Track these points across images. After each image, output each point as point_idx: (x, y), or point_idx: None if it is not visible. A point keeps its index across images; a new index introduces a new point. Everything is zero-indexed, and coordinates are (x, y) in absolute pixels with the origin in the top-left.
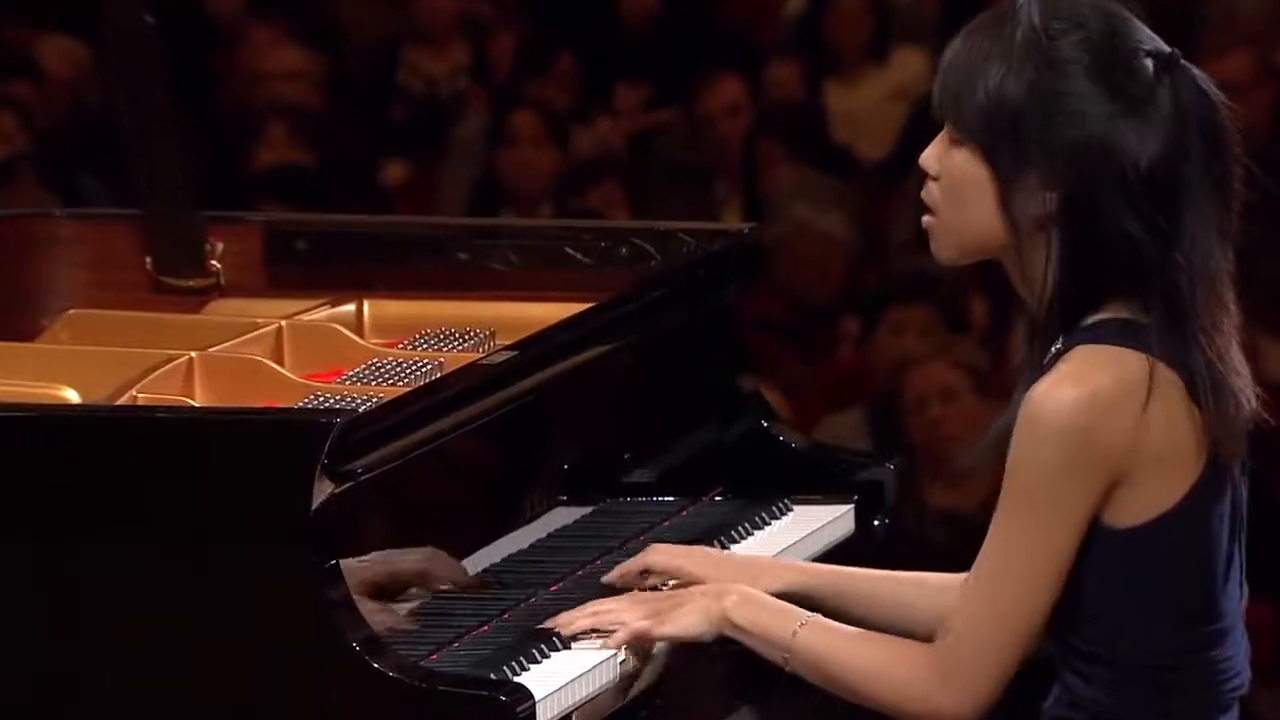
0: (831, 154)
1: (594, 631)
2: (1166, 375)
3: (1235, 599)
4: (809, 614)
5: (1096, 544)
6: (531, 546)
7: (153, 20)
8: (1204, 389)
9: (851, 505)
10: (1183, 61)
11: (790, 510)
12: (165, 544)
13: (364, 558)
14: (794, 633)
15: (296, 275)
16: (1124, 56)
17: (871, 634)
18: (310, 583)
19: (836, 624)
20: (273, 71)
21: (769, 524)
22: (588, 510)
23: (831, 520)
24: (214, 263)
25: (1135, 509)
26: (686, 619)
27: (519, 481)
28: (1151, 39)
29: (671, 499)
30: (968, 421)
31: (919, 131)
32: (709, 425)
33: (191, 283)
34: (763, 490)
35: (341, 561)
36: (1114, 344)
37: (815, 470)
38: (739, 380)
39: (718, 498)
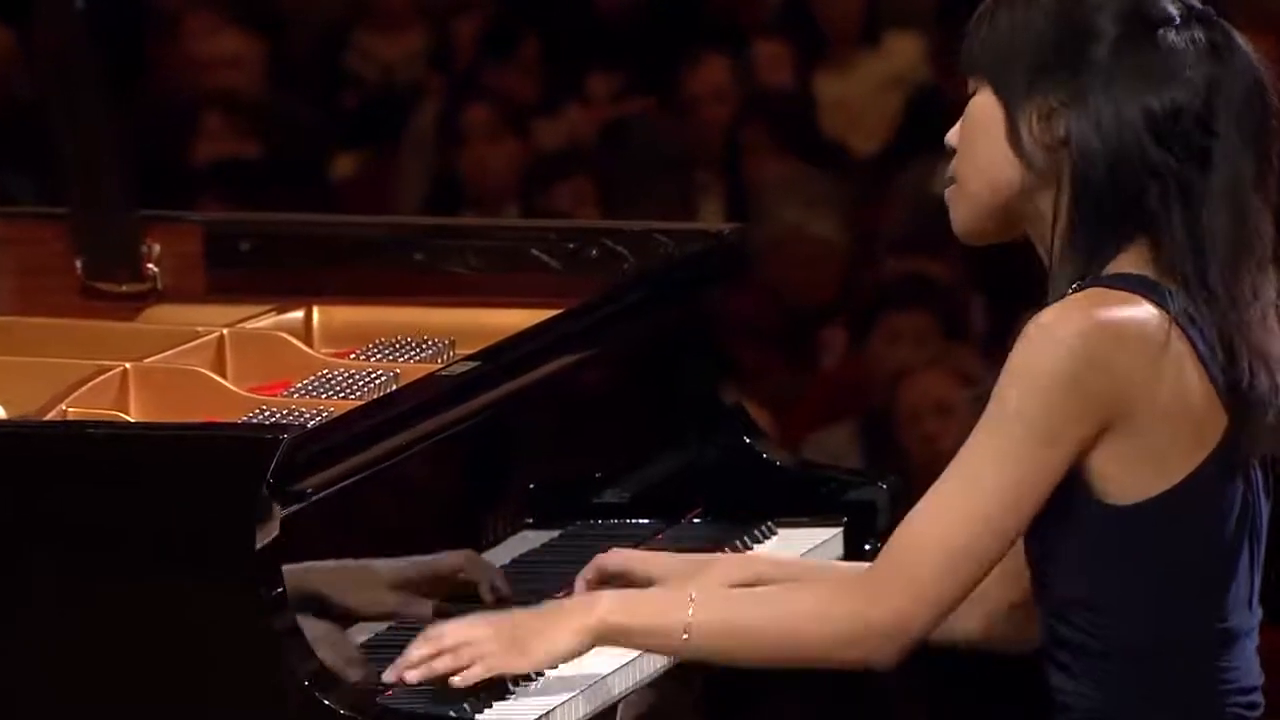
0: (821, 147)
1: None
2: (1183, 344)
3: (1245, 607)
4: (697, 587)
5: (1092, 521)
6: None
7: (83, 4)
8: (1223, 362)
9: (841, 528)
10: (1219, 19)
11: (775, 533)
12: (98, 570)
13: (399, 560)
14: (689, 609)
15: (239, 279)
16: (1156, 1)
17: (784, 584)
18: (256, 612)
19: (732, 589)
20: (212, 58)
21: (751, 548)
22: (555, 534)
23: (819, 544)
24: (150, 266)
25: (1132, 478)
26: (556, 642)
27: (481, 503)
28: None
29: (646, 521)
30: (965, 435)
31: (915, 124)
32: (687, 441)
33: (126, 288)
34: (745, 512)
35: (372, 562)
36: (1131, 291)
37: (802, 490)
38: (720, 393)
39: (696, 520)
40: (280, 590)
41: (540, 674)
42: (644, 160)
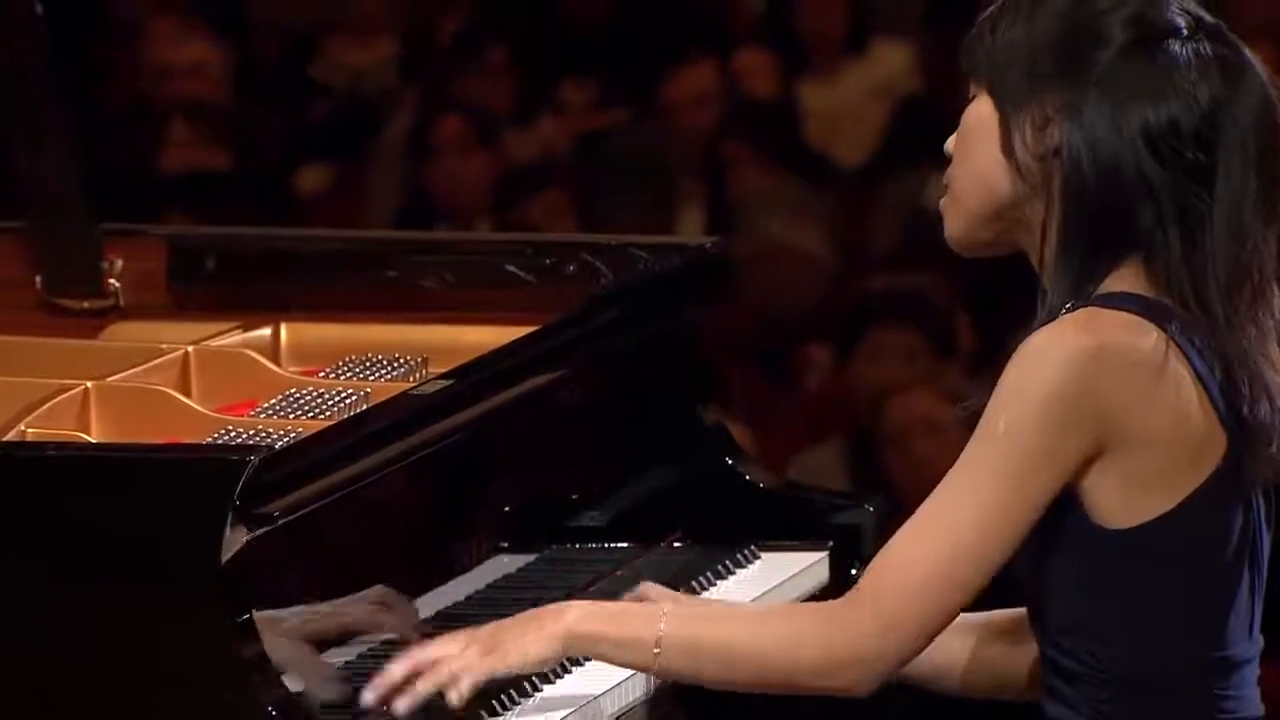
0: (805, 158)
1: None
2: (1181, 365)
3: (1245, 635)
4: (672, 603)
5: (1086, 545)
6: (468, 599)
7: (42, 8)
8: (1223, 385)
9: (826, 552)
10: (1228, 34)
11: (758, 558)
12: (58, 598)
13: (314, 609)
14: (661, 622)
15: (204, 295)
16: (1163, 11)
17: (761, 604)
18: (222, 639)
19: (710, 604)
20: (176, 65)
21: (734, 573)
22: (531, 558)
23: (804, 569)
24: (112, 281)
25: (1127, 502)
26: (526, 648)
27: (455, 527)
28: (1197, 9)
29: (625, 545)
30: (956, 458)
31: (902, 134)
32: (666, 462)
33: (87, 304)
34: (727, 535)
35: (282, 618)
36: (1127, 311)
37: (786, 512)
38: (701, 412)
39: (676, 544)
40: (247, 617)
41: (530, 694)
42: (622, 171)
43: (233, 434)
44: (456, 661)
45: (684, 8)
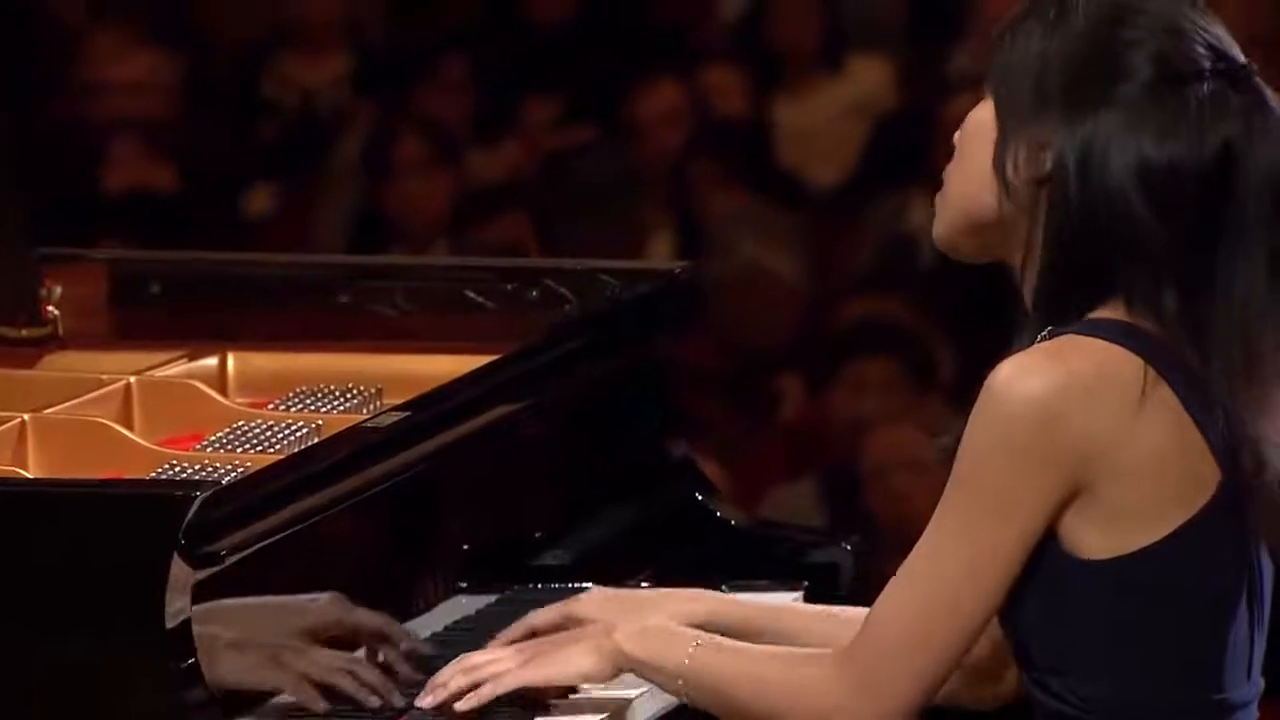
0: (778, 179)
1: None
2: (1167, 395)
3: (1243, 677)
4: (706, 635)
5: (1063, 576)
6: (424, 642)
7: None
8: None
9: (801, 592)
10: (1256, 79)
11: None
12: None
13: (316, 596)
14: (687, 656)
15: (148, 323)
16: (1182, 38)
17: (772, 648)
18: (166, 683)
19: (734, 642)
20: (120, 81)
21: None
22: (491, 599)
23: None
24: (50, 309)
25: (1107, 535)
26: (577, 659)
27: (411, 566)
28: (1229, 45)
29: (589, 586)
30: (937, 494)
31: (880, 154)
32: (633, 499)
33: (25, 332)
34: (697, 575)
35: (281, 599)
36: (1106, 339)
37: (758, 551)
38: (669, 445)
39: (644, 584)
40: (193, 661)
41: (567, 694)
42: (587, 193)
43: (177, 469)
44: (496, 667)
45: (652, 21)
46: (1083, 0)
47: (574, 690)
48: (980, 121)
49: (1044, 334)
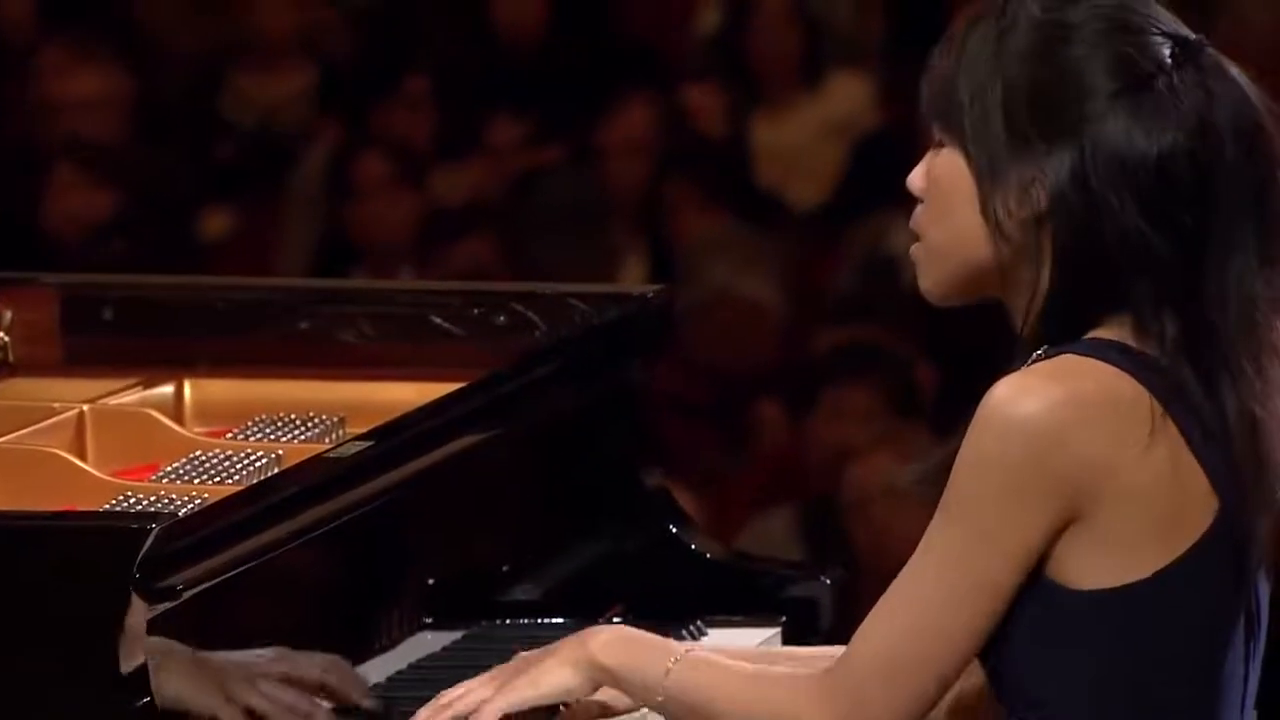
0: (756, 200)
1: None
2: (1166, 420)
3: (1236, 709)
4: (688, 646)
5: (1048, 607)
6: (390, 680)
7: None
8: (1218, 452)
9: (779, 628)
10: (1209, 49)
11: (705, 634)
12: None
13: (260, 651)
14: (667, 670)
15: (101, 349)
16: (1136, 35)
17: (755, 668)
18: None
19: (717, 657)
20: (68, 99)
21: None
22: (457, 635)
23: (755, 646)
24: (0, 335)
25: (1097, 564)
26: (552, 675)
27: (374, 601)
28: (1174, 24)
29: (560, 621)
30: (920, 526)
31: (861, 174)
32: (605, 531)
33: None
34: (671, 610)
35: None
36: (1107, 361)
37: (735, 585)
38: (642, 475)
39: (616, 619)
40: (148, 700)
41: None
42: (557, 214)
43: (132, 500)
44: (476, 694)
45: (624, 37)
46: (1024, 25)
47: (557, 710)
48: (952, 173)
49: (1040, 352)
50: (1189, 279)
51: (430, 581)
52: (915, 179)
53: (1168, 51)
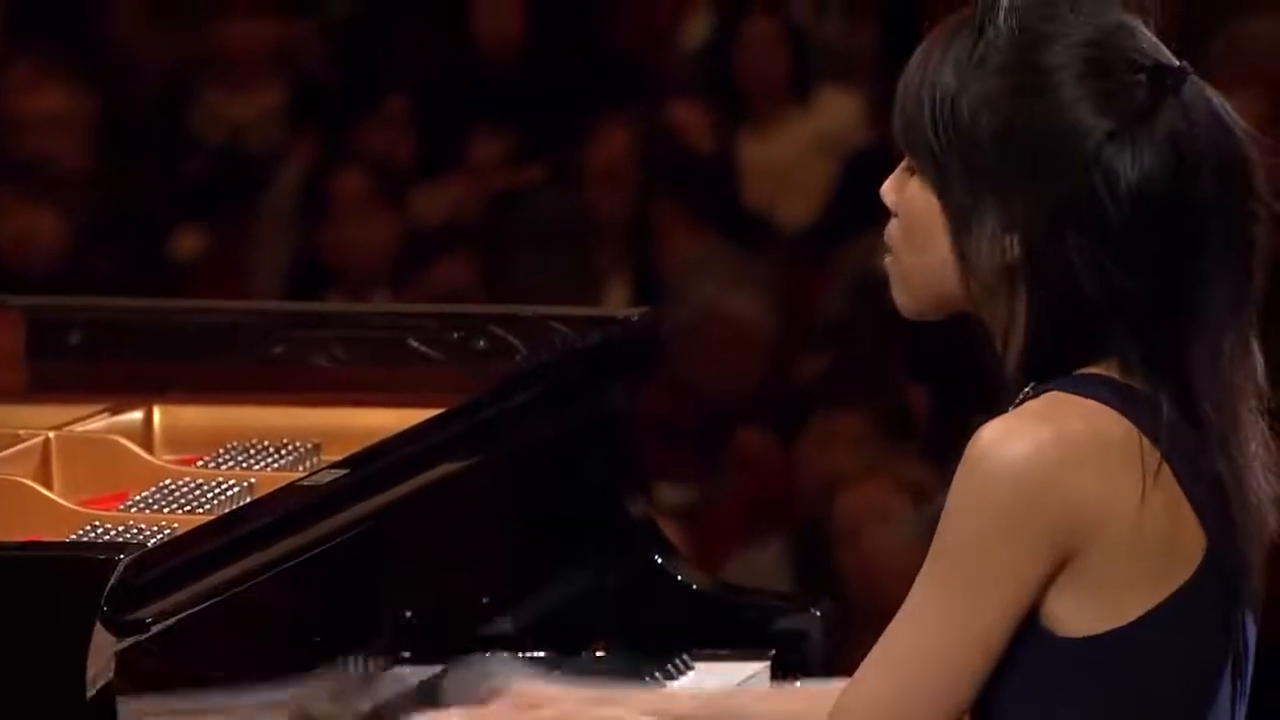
0: (743, 220)
1: None
2: (1155, 459)
3: None
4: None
5: (1036, 653)
6: (365, 717)
7: None
8: (1208, 489)
9: (768, 661)
10: (1194, 77)
11: (691, 668)
12: None
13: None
14: None
15: (68, 374)
16: (1112, 77)
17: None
18: None
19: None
20: (33, 116)
21: (664, 685)
22: (436, 670)
23: (743, 680)
24: None
25: (1090, 610)
26: None
27: (350, 635)
28: (1156, 50)
29: (541, 655)
30: (913, 555)
31: (851, 192)
32: (589, 562)
33: None
34: (656, 643)
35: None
36: (1096, 399)
37: (722, 618)
38: (626, 504)
39: (600, 653)
40: None
41: None
42: (538, 235)
43: (100, 531)
44: None
45: (608, 53)
46: (994, 66)
47: None
48: (924, 208)
49: (1028, 389)
50: (1169, 320)
51: (408, 614)
52: (888, 191)
53: (1144, 93)
